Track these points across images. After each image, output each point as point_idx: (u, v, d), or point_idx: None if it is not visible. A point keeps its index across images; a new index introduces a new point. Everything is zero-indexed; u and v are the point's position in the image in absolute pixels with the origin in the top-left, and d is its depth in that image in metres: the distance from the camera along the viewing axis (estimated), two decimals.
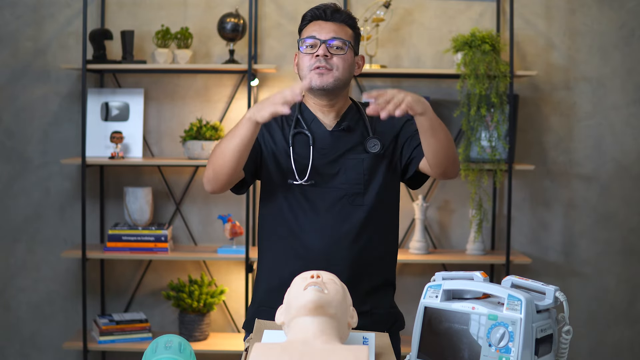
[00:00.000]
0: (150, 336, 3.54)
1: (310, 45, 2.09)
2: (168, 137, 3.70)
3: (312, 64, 2.07)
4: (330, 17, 2.11)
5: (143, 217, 3.53)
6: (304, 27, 2.15)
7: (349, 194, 2.10)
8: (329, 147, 2.12)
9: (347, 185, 2.10)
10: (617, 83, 3.70)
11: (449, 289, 1.72)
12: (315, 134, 2.13)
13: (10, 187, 3.70)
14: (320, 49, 2.06)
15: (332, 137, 2.13)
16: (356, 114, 2.19)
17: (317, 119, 2.15)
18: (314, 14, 2.13)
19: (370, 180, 2.13)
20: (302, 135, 2.13)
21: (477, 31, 3.43)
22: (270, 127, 2.15)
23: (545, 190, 3.72)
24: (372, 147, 2.12)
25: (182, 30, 3.53)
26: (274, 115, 1.90)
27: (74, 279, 3.72)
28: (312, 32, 2.09)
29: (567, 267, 3.75)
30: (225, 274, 3.72)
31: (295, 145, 2.12)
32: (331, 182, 2.10)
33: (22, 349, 3.74)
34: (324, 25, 2.10)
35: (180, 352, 1.59)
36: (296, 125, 2.14)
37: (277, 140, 2.13)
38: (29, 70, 3.67)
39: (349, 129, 2.14)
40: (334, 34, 2.08)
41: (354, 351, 1.47)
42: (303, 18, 2.15)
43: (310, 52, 2.08)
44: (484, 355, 1.61)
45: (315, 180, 2.10)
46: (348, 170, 2.11)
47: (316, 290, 1.56)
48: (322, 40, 2.07)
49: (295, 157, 2.10)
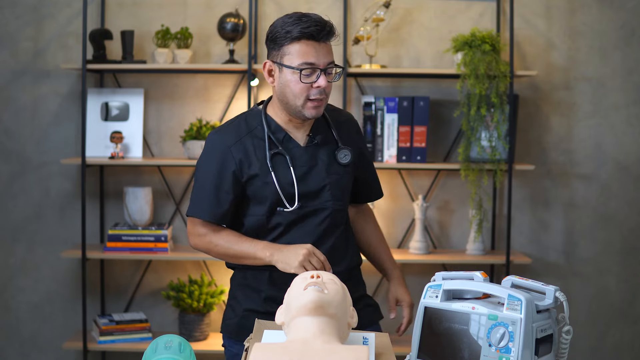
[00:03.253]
0: (150, 336, 3.54)
1: (307, 74, 1.93)
2: (168, 137, 3.70)
3: (310, 94, 1.95)
4: (326, 37, 1.95)
5: (143, 217, 3.53)
6: (287, 43, 1.93)
7: (334, 211, 2.07)
8: (307, 165, 2.04)
9: (332, 203, 2.06)
10: (617, 83, 3.70)
11: (449, 289, 1.72)
12: (291, 151, 2.04)
13: (10, 187, 3.70)
14: (321, 80, 1.93)
15: (307, 154, 2.05)
16: (323, 124, 2.11)
17: (288, 134, 2.05)
18: (307, 33, 1.92)
19: (346, 197, 2.13)
20: (278, 157, 2.03)
21: (477, 31, 3.43)
22: (245, 148, 2.03)
23: (545, 190, 3.72)
24: (343, 158, 2.07)
25: (182, 30, 3.53)
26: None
27: (74, 279, 3.71)
28: (308, 57, 1.92)
29: (567, 267, 3.75)
30: (225, 274, 3.72)
31: (275, 167, 2.02)
32: (317, 201, 2.05)
33: (22, 349, 3.74)
34: (319, 48, 1.93)
35: (180, 352, 1.59)
36: (270, 146, 2.02)
37: (254, 163, 2.02)
38: (29, 70, 3.67)
39: (322, 142, 2.08)
40: (330, 57, 1.95)
41: (354, 351, 1.47)
42: (288, 33, 1.92)
43: (308, 82, 1.93)
44: (484, 355, 1.61)
45: (302, 203, 2.04)
46: (332, 187, 2.06)
47: (316, 290, 1.56)
48: (322, 69, 1.93)
49: (280, 182, 2.01)
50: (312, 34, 1.91)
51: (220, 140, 2.04)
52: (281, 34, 1.93)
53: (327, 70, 1.94)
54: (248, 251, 2.00)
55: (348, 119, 2.20)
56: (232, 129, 2.06)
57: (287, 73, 1.94)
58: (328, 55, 1.94)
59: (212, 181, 2.03)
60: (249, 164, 2.02)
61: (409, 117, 3.48)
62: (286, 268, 1.94)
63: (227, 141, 2.03)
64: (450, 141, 3.69)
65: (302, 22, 1.92)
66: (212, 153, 2.04)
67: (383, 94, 3.65)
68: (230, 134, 2.04)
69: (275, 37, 1.95)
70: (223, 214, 2.05)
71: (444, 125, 3.68)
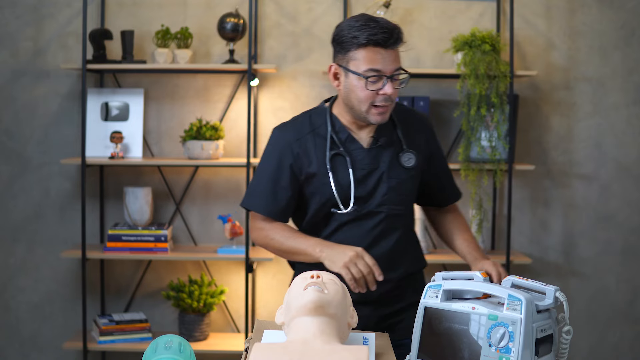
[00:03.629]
0: (150, 336, 3.54)
1: (373, 81, 1.89)
2: (168, 137, 3.70)
3: (375, 101, 1.92)
4: (394, 43, 1.89)
5: (143, 217, 3.53)
6: (354, 49, 1.89)
7: (390, 216, 2.03)
8: (369, 167, 2.01)
9: (388, 207, 2.02)
10: (617, 83, 3.70)
11: (449, 289, 1.72)
12: (352, 153, 2.01)
13: (10, 187, 3.70)
14: (387, 87, 1.90)
15: (370, 155, 2.02)
16: (389, 125, 2.06)
17: (352, 135, 2.02)
18: (374, 40, 1.87)
19: (408, 203, 2.08)
20: (339, 157, 2.00)
21: (477, 31, 3.43)
22: (305, 146, 2.02)
23: (545, 190, 3.72)
24: (407, 162, 2.02)
25: (182, 30, 3.53)
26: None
27: (74, 279, 3.71)
28: (375, 63, 1.88)
29: (567, 267, 3.75)
30: (225, 274, 3.72)
31: (334, 168, 2.00)
32: (372, 205, 2.02)
33: (22, 349, 3.74)
34: (386, 55, 1.89)
35: (180, 352, 1.59)
36: (332, 146, 2.00)
37: (314, 162, 2.01)
38: (29, 70, 3.67)
39: (386, 144, 2.03)
40: (397, 64, 1.91)
41: (354, 351, 1.47)
42: (354, 39, 1.88)
43: (374, 88, 1.90)
44: (484, 355, 1.60)
45: (357, 206, 2.01)
46: (390, 191, 2.02)
47: (316, 290, 1.56)
48: (389, 76, 1.90)
49: (337, 184, 2.00)
50: (379, 41, 1.87)
51: (281, 136, 2.04)
52: (347, 39, 1.89)
53: (394, 77, 1.91)
54: (300, 247, 1.99)
55: (420, 121, 2.14)
56: (295, 126, 2.05)
57: (352, 78, 1.91)
58: (395, 62, 1.90)
59: (270, 176, 2.04)
60: (309, 162, 2.01)
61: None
62: (332, 267, 1.91)
63: (288, 138, 2.03)
64: (450, 141, 3.69)
65: (369, 28, 1.87)
66: (273, 148, 2.05)
67: None
68: (293, 130, 2.04)
69: (342, 41, 1.91)
70: (279, 211, 2.05)
71: (444, 125, 3.68)
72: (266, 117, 3.69)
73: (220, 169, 3.69)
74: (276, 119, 3.67)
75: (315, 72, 3.65)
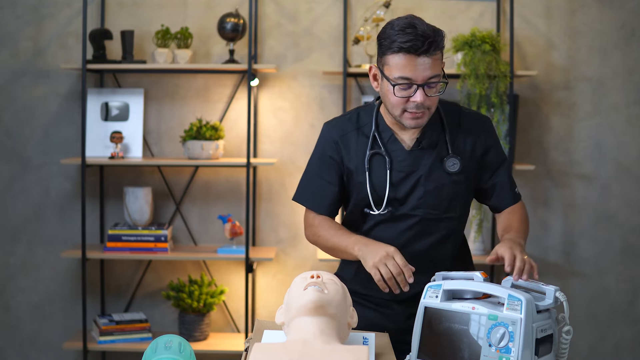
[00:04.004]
0: (150, 336, 3.54)
1: (403, 88, 1.86)
2: (168, 137, 3.70)
3: (406, 107, 1.89)
4: (426, 51, 1.84)
5: (143, 217, 3.53)
6: (389, 53, 1.87)
7: (424, 220, 2.00)
8: (407, 170, 1.98)
9: (423, 210, 1.99)
10: (617, 83, 3.70)
11: (449, 289, 1.72)
12: (393, 154, 1.98)
13: (10, 187, 3.70)
14: (417, 95, 1.86)
15: (410, 157, 1.98)
16: (437, 126, 2.01)
17: (395, 136, 2.00)
18: (407, 48, 1.83)
19: (448, 208, 2.01)
20: (378, 157, 1.99)
21: (477, 31, 3.43)
22: (348, 143, 2.02)
23: (545, 190, 3.72)
24: (451, 167, 1.97)
25: (182, 30, 3.53)
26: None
27: (74, 279, 3.71)
28: (406, 71, 1.84)
29: (567, 267, 3.75)
30: (225, 274, 3.72)
31: (371, 168, 1.99)
32: (406, 207, 1.99)
33: (22, 349, 3.74)
34: (418, 62, 1.84)
35: (180, 352, 1.59)
36: (373, 145, 1.99)
37: (354, 160, 2.01)
38: (29, 70, 3.67)
39: (428, 147, 1.99)
40: (431, 72, 1.85)
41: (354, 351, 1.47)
42: (391, 44, 1.85)
43: (404, 95, 1.87)
44: (484, 355, 1.60)
45: (391, 207, 2.00)
46: (427, 195, 1.98)
47: (316, 290, 1.56)
48: (420, 85, 1.85)
49: (372, 184, 1.99)
50: (410, 49, 1.83)
51: (328, 132, 2.06)
52: (386, 42, 1.87)
53: (429, 84, 1.85)
54: (341, 245, 1.99)
55: (477, 124, 2.05)
56: (342, 122, 2.06)
57: (386, 83, 1.90)
58: (429, 70, 1.84)
59: (316, 171, 2.07)
60: (349, 158, 2.02)
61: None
62: (365, 265, 1.90)
63: (334, 134, 2.04)
64: None
65: (404, 34, 1.83)
66: (320, 144, 2.07)
67: None
68: (339, 127, 2.05)
69: (381, 44, 1.90)
70: (326, 205, 2.07)
71: None
72: (266, 117, 3.69)
73: (220, 169, 3.69)
74: (276, 119, 3.67)
75: (315, 72, 3.65)
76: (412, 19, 1.88)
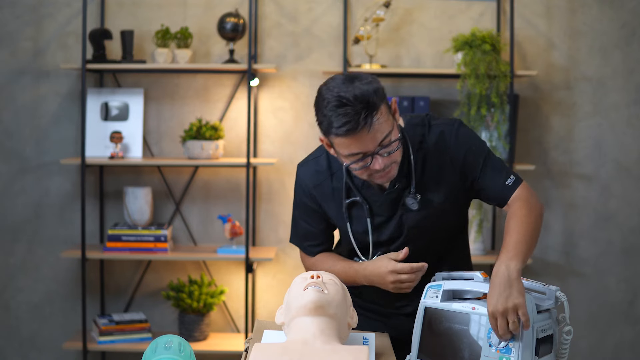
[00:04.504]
0: (150, 336, 3.54)
1: (359, 160, 1.73)
2: (168, 137, 3.69)
3: (370, 173, 1.76)
4: (365, 124, 1.67)
5: (143, 217, 3.52)
6: (330, 135, 1.72)
7: (415, 249, 1.90)
8: (387, 213, 1.89)
9: (414, 242, 1.90)
10: (617, 83, 3.70)
11: (449, 289, 1.72)
12: (370, 199, 1.89)
13: (10, 187, 3.69)
14: (375, 164, 1.73)
15: (387, 201, 1.88)
16: (405, 161, 1.86)
17: (367, 181, 1.87)
18: (344, 133, 1.68)
19: (439, 233, 1.94)
20: (356, 204, 1.90)
21: (478, 31, 3.43)
22: (323, 192, 1.93)
23: (546, 190, 3.72)
24: (411, 205, 1.85)
25: (182, 30, 3.53)
26: None
27: (74, 279, 3.71)
28: (353, 148, 1.71)
29: (567, 267, 3.75)
30: (225, 274, 3.71)
31: (351, 216, 1.91)
32: (396, 244, 1.91)
33: (21, 349, 3.74)
34: (363, 136, 1.68)
35: (180, 353, 1.59)
36: (348, 194, 1.89)
37: (332, 208, 1.93)
38: (29, 70, 3.66)
39: (404, 186, 1.87)
40: (380, 135, 1.70)
41: (354, 351, 1.47)
42: (328, 127, 1.70)
43: (362, 166, 1.74)
44: (485, 355, 1.60)
45: (379, 250, 1.93)
46: (412, 233, 1.90)
47: (316, 290, 1.56)
48: (373, 153, 1.71)
49: (354, 232, 1.92)
50: (347, 132, 1.68)
51: (302, 180, 1.96)
52: (324, 123, 1.72)
53: (383, 146, 1.71)
54: (347, 279, 1.93)
55: (446, 137, 1.89)
56: (315, 167, 1.95)
57: (340, 156, 1.78)
58: (375, 138, 1.69)
59: (300, 215, 2.01)
60: (328, 207, 1.94)
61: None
62: (384, 288, 1.89)
63: (309, 183, 1.95)
64: None
65: (337, 116, 1.67)
66: (297, 191, 1.99)
67: None
68: (312, 174, 1.95)
69: (320, 121, 1.73)
70: (318, 243, 2.02)
71: None
72: (266, 117, 3.69)
73: (220, 169, 3.69)
74: (276, 119, 3.67)
75: (315, 72, 3.65)
76: (340, 89, 1.69)
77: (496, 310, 1.58)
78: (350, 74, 1.73)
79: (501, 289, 1.60)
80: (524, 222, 1.79)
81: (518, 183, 1.89)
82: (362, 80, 1.70)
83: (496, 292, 1.60)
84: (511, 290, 1.59)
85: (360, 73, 1.75)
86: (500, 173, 1.89)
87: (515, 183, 1.88)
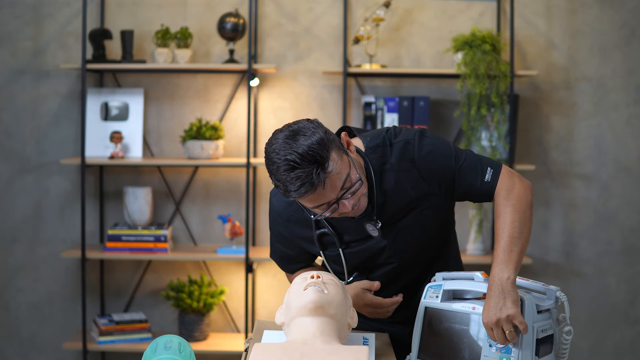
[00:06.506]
0: (150, 336, 3.53)
1: (324, 209, 1.69)
2: (168, 137, 3.69)
3: (338, 214, 1.72)
4: (320, 181, 1.61)
5: (143, 217, 3.52)
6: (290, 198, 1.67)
7: (400, 265, 1.88)
8: (359, 238, 1.85)
9: (395, 258, 1.87)
10: (617, 83, 3.70)
11: (449, 289, 1.71)
12: (340, 227, 1.85)
13: (10, 187, 3.69)
14: (342, 208, 1.69)
15: (358, 227, 1.83)
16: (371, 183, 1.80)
17: None
18: (301, 197, 1.63)
19: (422, 244, 1.89)
20: (327, 235, 1.87)
21: (478, 31, 3.43)
22: (296, 223, 1.89)
23: (546, 190, 3.72)
24: (372, 231, 1.81)
25: (182, 30, 3.53)
26: None
27: (74, 279, 3.71)
28: (315, 203, 1.67)
29: (567, 267, 3.75)
30: (225, 274, 3.71)
31: (324, 244, 1.89)
32: (376, 266, 1.89)
33: (21, 349, 3.74)
34: (321, 192, 1.64)
35: (180, 353, 1.59)
36: (317, 224, 1.86)
37: (305, 238, 1.90)
38: (29, 70, 3.66)
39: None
40: (339, 183, 1.65)
41: (354, 351, 1.47)
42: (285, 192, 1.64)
43: (330, 212, 1.69)
44: (485, 355, 1.60)
45: (357, 272, 1.91)
46: (387, 252, 1.85)
47: (316, 290, 1.56)
48: (337, 199, 1.67)
49: (329, 260, 1.92)
50: (304, 195, 1.63)
51: (275, 209, 1.91)
52: (280, 188, 1.65)
53: (346, 190, 1.67)
54: None
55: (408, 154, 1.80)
56: (286, 199, 1.85)
57: (307, 209, 1.76)
58: (334, 187, 1.65)
59: (279, 240, 1.97)
60: (301, 237, 1.91)
61: (409, 117, 3.48)
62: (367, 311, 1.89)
63: (282, 214, 1.90)
64: (451, 141, 3.68)
65: (290, 182, 1.61)
66: (272, 218, 1.94)
67: (383, 94, 3.64)
68: (284, 206, 1.89)
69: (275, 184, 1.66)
70: (297, 262, 2.01)
71: (444, 125, 3.68)
72: (266, 117, 3.69)
73: (220, 169, 3.69)
74: (276, 119, 3.67)
75: (315, 72, 3.65)
76: (285, 151, 1.61)
77: (489, 321, 1.60)
78: (291, 129, 1.64)
79: (495, 300, 1.60)
80: (512, 221, 1.76)
81: (497, 174, 1.81)
82: (305, 133, 1.62)
83: (489, 303, 1.61)
84: (505, 301, 1.59)
85: (300, 123, 1.66)
86: (476, 171, 1.81)
87: (494, 175, 1.81)
